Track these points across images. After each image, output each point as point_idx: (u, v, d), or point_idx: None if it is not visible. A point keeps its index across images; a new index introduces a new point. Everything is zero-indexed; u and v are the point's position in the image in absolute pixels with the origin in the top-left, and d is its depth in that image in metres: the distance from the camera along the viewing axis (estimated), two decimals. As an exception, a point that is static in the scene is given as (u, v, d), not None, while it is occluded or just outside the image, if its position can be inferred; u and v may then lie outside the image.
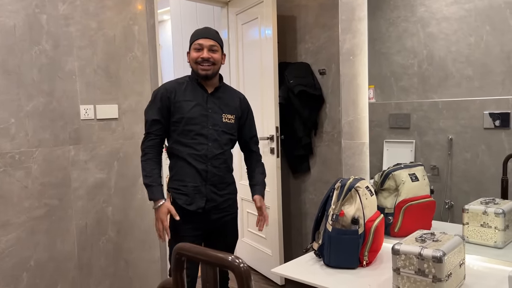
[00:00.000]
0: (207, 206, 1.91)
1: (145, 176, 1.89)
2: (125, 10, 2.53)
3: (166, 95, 1.90)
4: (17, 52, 2.13)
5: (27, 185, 2.16)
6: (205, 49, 1.89)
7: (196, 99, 1.91)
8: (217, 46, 1.92)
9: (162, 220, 1.85)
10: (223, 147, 1.93)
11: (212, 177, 1.91)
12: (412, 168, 1.76)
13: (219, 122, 1.93)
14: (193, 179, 1.89)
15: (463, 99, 1.64)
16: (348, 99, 1.96)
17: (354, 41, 1.91)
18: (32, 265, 2.19)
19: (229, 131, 1.96)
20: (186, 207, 1.89)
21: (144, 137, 1.94)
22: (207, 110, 1.91)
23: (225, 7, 3.35)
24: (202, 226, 1.94)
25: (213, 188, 1.92)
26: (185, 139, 1.89)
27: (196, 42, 1.91)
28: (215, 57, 1.91)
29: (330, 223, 1.48)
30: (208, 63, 1.88)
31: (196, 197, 1.89)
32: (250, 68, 3.12)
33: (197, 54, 1.90)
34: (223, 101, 1.97)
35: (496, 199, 1.57)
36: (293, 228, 3.23)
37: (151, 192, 1.87)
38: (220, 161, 1.92)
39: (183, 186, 1.90)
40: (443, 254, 1.17)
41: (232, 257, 0.68)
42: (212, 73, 1.91)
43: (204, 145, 1.89)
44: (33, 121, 2.19)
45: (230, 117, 1.96)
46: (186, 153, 1.89)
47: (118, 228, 2.54)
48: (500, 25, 1.54)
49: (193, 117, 1.88)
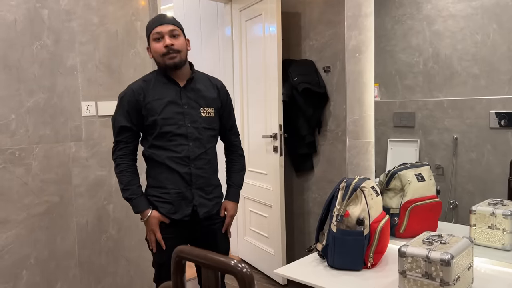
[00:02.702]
0: (200, 213, 1.75)
1: (123, 189, 1.74)
2: (127, 5, 2.51)
3: (133, 98, 1.71)
4: (18, 47, 2.10)
5: (27, 182, 2.14)
6: (166, 36, 1.68)
7: (168, 95, 1.72)
8: (177, 30, 1.72)
9: (155, 232, 1.72)
10: (206, 146, 1.76)
11: (198, 180, 1.74)
12: (418, 168, 1.73)
13: (197, 118, 1.74)
14: (175, 185, 1.72)
15: (468, 98, 1.62)
16: (353, 97, 1.94)
17: (360, 37, 1.89)
18: (32, 262, 2.18)
19: (210, 126, 1.78)
20: (171, 216, 1.73)
21: (113, 146, 1.78)
22: (182, 107, 1.73)
23: (229, 4, 3.32)
24: (189, 236, 1.79)
25: (200, 191, 1.75)
26: (162, 141, 1.71)
27: (154, 31, 1.70)
28: (179, 43, 1.70)
29: (335, 223, 1.46)
30: (172, 50, 1.68)
31: (181, 205, 1.73)
32: (254, 65, 3.10)
33: (159, 45, 1.69)
34: (199, 93, 1.77)
35: (504, 200, 1.54)
36: (296, 227, 3.21)
37: (134, 206, 1.74)
38: (204, 162, 1.75)
39: (165, 193, 1.73)
40: (452, 257, 1.15)
41: (235, 261, 0.65)
42: (180, 61, 1.70)
43: (184, 146, 1.72)
44: (34, 117, 2.16)
45: (209, 110, 1.78)
46: (164, 156, 1.71)
47: (119, 226, 2.52)
48: (507, 23, 1.51)
49: (167, 117, 1.70)
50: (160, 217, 1.74)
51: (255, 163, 3.14)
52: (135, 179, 1.76)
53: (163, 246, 1.74)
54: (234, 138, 1.96)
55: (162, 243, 1.73)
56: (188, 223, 1.76)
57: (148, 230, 1.75)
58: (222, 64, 3.59)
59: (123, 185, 1.75)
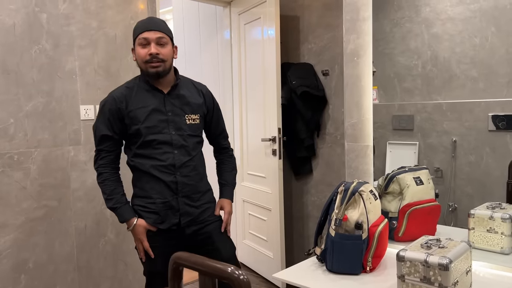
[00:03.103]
0: (182, 222, 1.71)
1: (106, 199, 1.70)
2: (126, 9, 2.51)
3: (115, 106, 1.67)
4: (17, 52, 2.10)
5: (25, 186, 2.14)
6: (152, 43, 1.64)
7: (152, 103, 1.68)
8: (166, 38, 1.67)
9: (141, 241, 1.69)
10: (191, 153, 1.73)
11: (184, 188, 1.70)
12: (416, 172, 1.73)
13: (182, 126, 1.71)
14: (161, 194, 1.69)
15: (467, 100, 1.62)
16: (351, 101, 1.93)
17: (359, 41, 1.89)
18: (31, 267, 2.17)
19: (195, 133, 1.75)
20: (158, 225, 1.70)
21: (95, 155, 1.75)
22: (167, 114, 1.69)
23: (228, 7, 3.32)
24: (180, 243, 1.74)
25: (187, 200, 1.72)
26: (147, 150, 1.68)
27: (141, 36, 1.64)
28: (165, 53, 1.66)
29: (333, 227, 1.45)
30: (156, 59, 1.64)
31: (168, 214, 1.69)
32: (253, 68, 3.10)
33: (143, 51, 1.64)
34: (183, 99, 1.73)
35: (503, 203, 1.54)
36: (295, 230, 3.20)
37: (119, 215, 1.70)
38: (189, 169, 1.72)
39: (151, 203, 1.69)
40: (450, 261, 1.14)
41: (232, 268, 0.65)
42: (164, 70, 1.66)
43: (169, 154, 1.68)
44: (32, 121, 2.16)
45: (194, 117, 1.74)
46: (149, 165, 1.68)
47: (117, 230, 2.51)
48: (505, 26, 1.51)
49: (151, 125, 1.66)
50: (146, 225, 1.70)
51: (254, 166, 3.14)
52: (118, 188, 1.72)
53: (151, 254, 1.70)
54: (223, 141, 1.93)
55: (150, 251, 1.70)
56: (177, 231, 1.73)
57: (135, 239, 1.72)
58: (221, 68, 3.59)
59: (106, 195, 1.71)
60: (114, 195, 1.70)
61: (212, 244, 1.77)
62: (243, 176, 3.27)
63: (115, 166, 1.75)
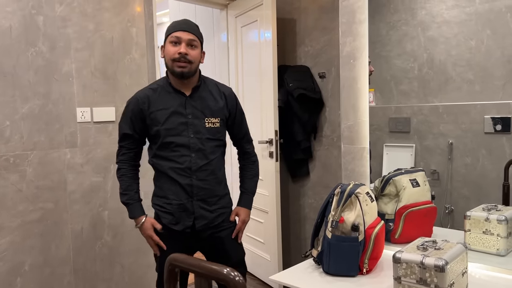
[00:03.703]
0: (197, 225, 1.73)
1: (121, 194, 1.75)
2: (123, 12, 2.51)
3: (138, 107, 1.71)
4: (13, 54, 2.10)
5: (21, 189, 2.13)
6: (183, 43, 1.66)
7: (173, 105, 1.70)
8: (197, 41, 1.70)
9: (150, 236, 1.73)
10: (209, 157, 1.72)
11: (199, 191, 1.71)
12: (413, 174, 1.73)
13: (201, 129, 1.71)
14: (177, 196, 1.71)
15: (463, 103, 1.62)
16: (348, 103, 1.94)
17: (355, 44, 1.89)
18: (27, 269, 2.16)
19: (214, 137, 1.74)
20: (172, 227, 1.73)
21: (117, 150, 1.80)
22: (187, 117, 1.70)
23: (225, 10, 3.33)
24: (193, 245, 1.79)
25: (202, 203, 1.72)
26: (165, 152, 1.70)
27: (173, 34, 1.66)
28: (193, 55, 1.68)
29: (330, 229, 1.45)
30: (184, 59, 1.65)
31: (182, 216, 1.71)
32: (249, 71, 3.10)
33: (173, 49, 1.66)
34: (204, 102, 1.74)
35: (499, 205, 1.54)
36: (292, 233, 3.20)
37: (130, 211, 1.75)
38: (206, 173, 1.72)
39: (167, 203, 1.73)
40: (446, 263, 1.15)
41: (228, 269, 0.65)
42: (189, 72, 1.68)
43: (186, 157, 1.69)
44: (29, 123, 2.16)
45: (214, 120, 1.74)
46: (167, 167, 1.70)
47: (114, 232, 2.51)
48: (501, 29, 1.52)
49: (170, 127, 1.68)
50: (154, 223, 1.74)
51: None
52: (133, 185, 1.77)
53: (163, 246, 1.74)
54: (247, 145, 1.93)
55: (161, 244, 1.73)
56: (191, 234, 1.74)
57: (144, 236, 1.76)
58: (218, 70, 3.59)
59: (122, 190, 1.76)
60: (128, 191, 1.75)
61: (223, 249, 1.80)
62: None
63: (134, 163, 1.80)
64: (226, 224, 1.81)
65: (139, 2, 2.58)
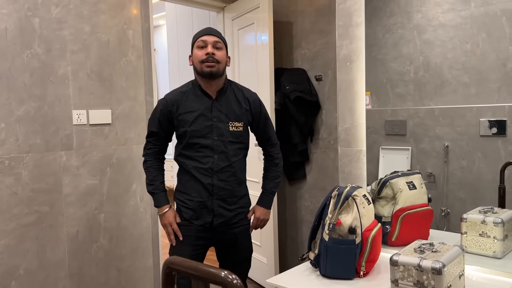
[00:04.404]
0: (215, 222, 1.82)
1: (148, 184, 1.87)
2: (119, 14, 2.51)
3: (167, 108, 1.82)
4: (8, 56, 2.09)
5: (16, 192, 2.12)
6: (209, 45, 1.77)
7: (199, 108, 1.80)
8: (221, 43, 1.81)
9: (171, 223, 1.82)
10: (231, 159, 1.82)
11: (220, 191, 1.81)
12: (409, 176, 1.74)
13: (225, 132, 1.80)
14: (198, 194, 1.81)
15: (459, 106, 1.63)
16: (344, 106, 1.94)
17: (351, 47, 1.90)
18: (21, 273, 2.14)
19: (237, 140, 1.84)
20: (193, 221, 1.83)
21: (145, 144, 1.92)
22: (212, 120, 1.80)
23: (221, 12, 3.33)
24: (208, 240, 1.86)
25: (222, 202, 1.82)
26: (190, 152, 1.80)
27: (199, 39, 1.79)
28: (220, 55, 1.78)
29: (327, 232, 1.45)
30: (212, 59, 1.75)
31: (202, 212, 1.81)
32: (246, 74, 3.11)
33: (201, 52, 1.77)
34: (229, 106, 1.83)
35: (495, 208, 1.55)
36: (288, 236, 3.20)
37: (155, 200, 1.86)
38: (227, 174, 1.82)
39: (189, 200, 1.82)
40: (443, 265, 1.15)
41: (225, 272, 0.64)
42: (217, 71, 1.77)
43: (209, 158, 1.79)
44: (24, 126, 2.15)
45: (238, 124, 1.83)
46: (191, 166, 1.80)
47: (110, 235, 2.49)
48: (496, 32, 1.53)
49: (196, 129, 1.78)
50: (176, 215, 1.84)
51: (248, 171, 3.12)
52: (159, 175, 1.88)
53: (179, 236, 1.82)
54: (270, 148, 2.01)
55: (179, 233, 1.82)
56: (208, 229, 1.83)
57: (164, 224, 1.84)
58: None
59: (148, 180, 1.87)
60: (154, 181, 1.86)
61: (235, 244, 1.90)
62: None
63: (159, 157, 1.91)
64: (242, 221, 1.91)
65: (135, 4, 2.58)
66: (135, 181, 2.60)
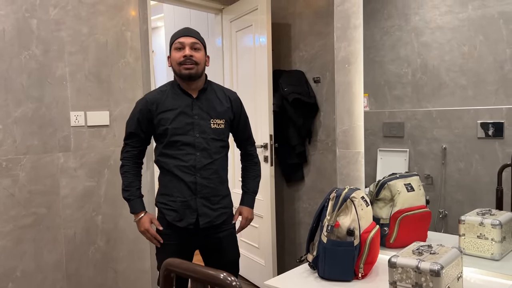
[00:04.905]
0: (201, 223, 1.79)
1: (123, 190, 1.84)
2: (117, 16, 2.51)
3: (147, 107, 1.80)
4: (6, 57, 2.09)
5: (14, 193, 2.11)
6: (187, 47, 1.76)
7: (180, 106, 1.79)
8: (199, 44, 1.80)
9: (147, 230, 1.81)
10: (213, 156, 1.81)
11: (203, 189, 1.79)
12: (407, 178, 1.74)
13: (207, 129, 1.80)
14: (181, 193, 1.78)
15: (456, 108, 1.63)
16: (343, 108, 1.95)
17: (350, 49, 1.90)
18: (18, 275, 2.13)
19: (219, 138, 1.83)
20: (176, 223, 1.79)
21: (122, 147, 1.89)
22: (193, 117, 1.79)
23: (219, 14, 3.33)
24: (194, 243, 1.85)
25: (205, 201, 1.80)
26: (171, 150, 1.78)
27: (177, 41, 1.78)
28: (198, 56, 1.77)
29: (325, 234, 1.45)
30: (190, 61, 1.75)
31: (186, 213, 1.78)
32: (244, 75, 3.11)
33: (178, 54, 1.77)
34: (210, 104, 1.83)
35: (493, 210, 1.55)
36: (286, 237, 3.20)
37: (131, 206, 1.84)
38: (210, 172, 1.80)
39: (172, 201, 1.80)
40: (441, 267, 1.15)
41: (224, 274, 0.64)
42: (196, 73, 1.77)
43: (191, 156, 1.77)
44: (21, 127, 2.14)
45: (219, 122, 1.83)
46: (172, 165, 1.78)
47: (107, 237, 2.48)
48: (493, 35, 1.53)
49: (177, 127, 1.77)
50: (152, 218, 1.83)
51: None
52: (135, 181, 1.85)
53: (159, 239, 1.81)
54: (249, 147, 2.01)
55: (158, 237, 1.81)
56: (193, 230, 1.81)
57: (140, 231, 1.83)
58: (213, 74, 3.59)
59: (124, 186, 1.84)
60: (130, 187, 1.84)
61: (221, 249, 1.88)
62: (235, 183, 3.26)
63: (137, 160, 1.88)
64: (226, 226, 1.88)
65: (133, 6, 2.58)
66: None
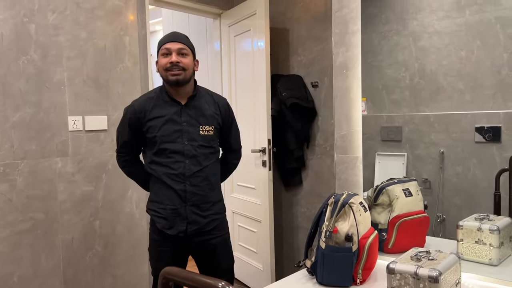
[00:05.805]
0: (189, 230, 1.77)
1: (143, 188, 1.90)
2: (116, 21, 2.51)
3: (135, 115, 1.78)
4: (4, 62, 2.08)
5: (11, 198, 2.10)
6: (174, 53, 1.74)
7: (168, 113, 1.76)
8: (186, 49, 1.78)
9: None
10: (202, 163, 1.78)
11: (192, 197, 1.77)
12: (405, 183, 1.74)
13: (195, 136, 1.77)
14: (171, 201, 1.76)
15: (454, 112, 1.63)
16: (341, 113, 1.95)
17: (348, 54, 1.91)
18: (16, 281, 2.12)
19: (208, 144, 1.81)
20: (166, 231, 1.77)
21: (116, 155, 1.89)
22: (181, 124, 1.76)
23: (218, 19, 3.34)
24: (186, 250, 1.83)
25: (195, 209, 1.78)
26: (161, 158, 1.76)
27: (163, 47, 1.76)
28: (185, 62, 1.75)
29: (323, 240, 1.45)
30: (177, 68, 1.73)
31: (176, 221, 1.76)
32: (243, 80, 3.11)
33: (165, 60, 1.74)
34: (199, 110, 1.81)
35: (490, 215, 1.55)
36: (284, 242, 3.19)
37: None
38: (200, 179, 1.78)
39: (162, 209, 1.78)
40: (439, 273, 1.15)
41: (223, 283, 0.64)
42: (184, 79, 1.75)
43: (180, 163, 1.75)
44: (19, 132, 2.13)
45: (208, 128, 1.80)
46: (162, 172, 1.76)
47: (105, 242, 2.48)
48: (490, 39, 1.54)
49: (165, 134, 1.74)
50: None
51: (244, 177, 3.13)
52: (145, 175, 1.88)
53: None
54: (233, 158, 2.02)
55: None
56: (184, 239, 1.79)
57: None
58: (211, 79, 3.59)
59: (140, 184, 1.91)
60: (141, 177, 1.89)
61: (214, 256, 1.86)
62: (233, 187, 3.26)
63: (135, 161, 1.90)
64: (218, 232, 1.86)
65: (132, 10, 2.58)
66: (131, 188, 2.59)
